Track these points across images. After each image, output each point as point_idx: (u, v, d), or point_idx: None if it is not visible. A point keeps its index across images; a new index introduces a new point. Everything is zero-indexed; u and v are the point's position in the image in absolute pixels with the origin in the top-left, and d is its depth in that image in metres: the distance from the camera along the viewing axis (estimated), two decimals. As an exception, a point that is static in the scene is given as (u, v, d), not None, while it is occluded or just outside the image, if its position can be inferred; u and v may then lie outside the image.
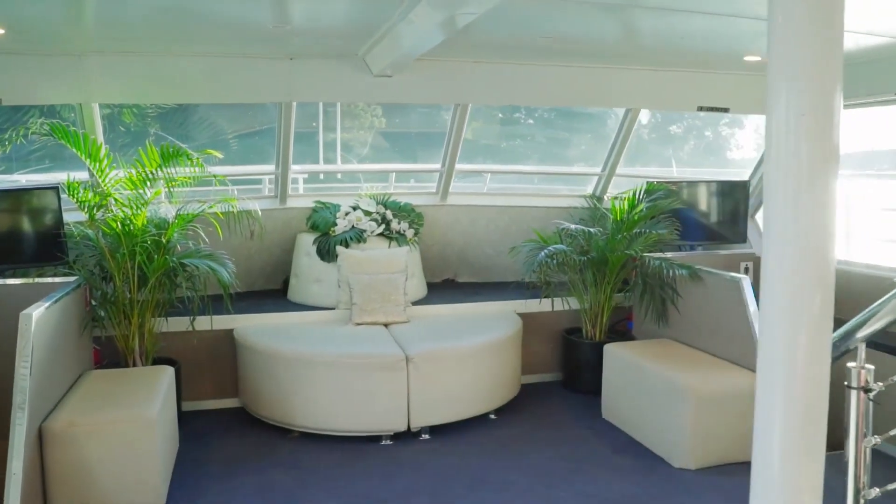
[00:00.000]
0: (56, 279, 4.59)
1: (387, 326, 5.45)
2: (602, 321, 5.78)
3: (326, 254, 5.78)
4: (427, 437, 4.87)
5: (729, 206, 6.28)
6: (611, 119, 8.42)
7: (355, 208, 6.00)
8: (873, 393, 2.10)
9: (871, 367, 2.11)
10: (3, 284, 4.36)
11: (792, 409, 1.40)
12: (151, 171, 4.68)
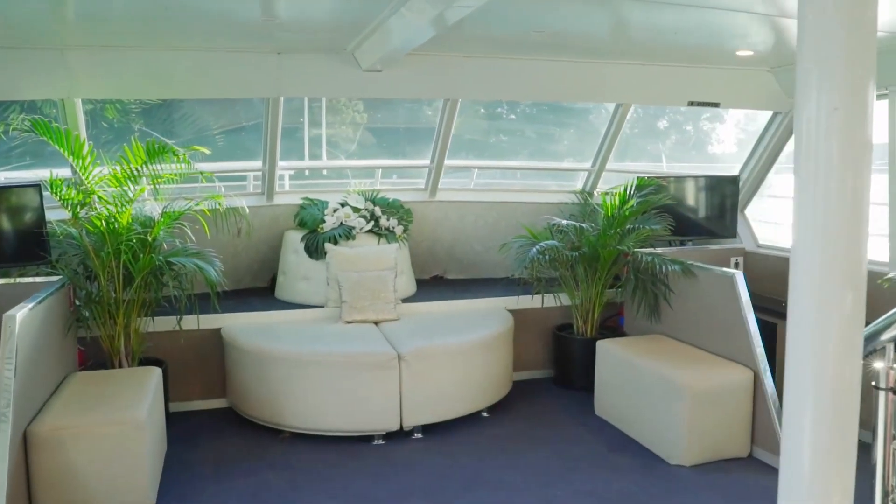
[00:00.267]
0: (38, 279, 4.52)
1: (377, 324, 5.39)
2: (593, 317, 5.75)
3: (315, 251, 5.71)
4: (420, 436, 4.82)
5: (719, 202, 6.27)
6: (593, 114, 8.40)
7: (343, 205, 5.93)
8: None
9: None
10: (-15, 285, 4.26)
11: (822, 412, 1.36)
12: (137, 168, 4.58)
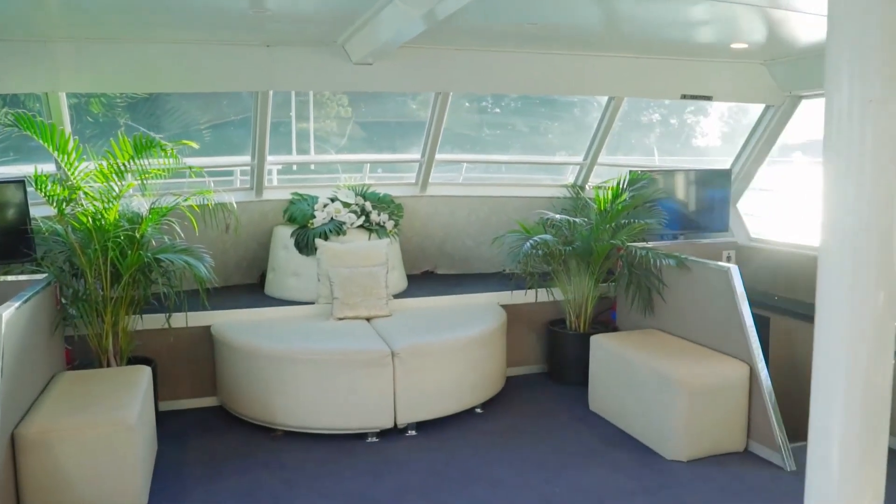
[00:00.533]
0: (23, 277, 4.42)
1: (369, 321, 5.33)
2: (586, 312, 5.72)
3: (305, 247, 5.64)
4: (413, 433, 4.77)
5: (710, 195, 6.25)
6: (578, 108, 8.37)
7: (334, 200, 5.86)
8: None
9: None
10: (-32, 283, 4.16)
11: (852, 414, 1.32)
12: (124, 164, 4.48)
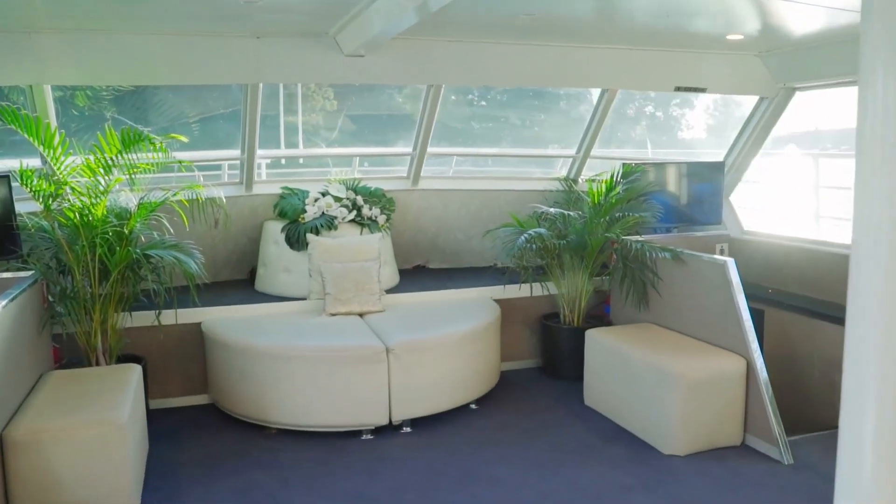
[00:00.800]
0: (9, 274, 4.32)
1: (362, 316, 5.27)
2: (580, 306, 5.69)
3: (296, 242, 5.57)
4: (408, 430, 4.72)
5: (703, 188, 6.24)
6: (563, 101, 8.32)
7: (325, 194, 5.79)
8: None
9: None
10: (-48, 282, 4.06)
11: (884, 412, 1.29)
12: (111, 158, 4.39)
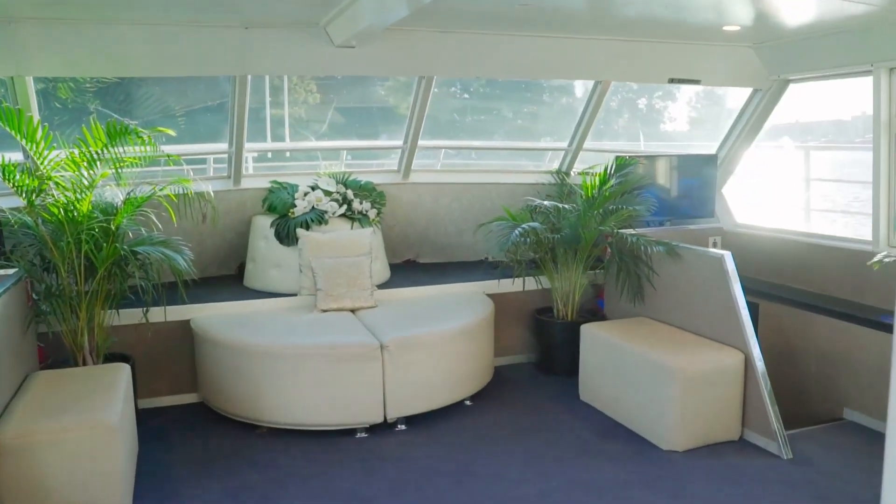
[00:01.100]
0: (-9, 272, 4.19)
1: (354, 312, 5.19)
2: (574, 300, 5.64)
3: (286, 237, 5.48)
4: (403, 427, 4.66)
5: (696, 181, 6.20)
6: (547, 93, 8.26)
7: (314, 188, 5.69)
8: None
9: None
10: (-67, 280, 3.92)
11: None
12: (97, 152, 4.27)
